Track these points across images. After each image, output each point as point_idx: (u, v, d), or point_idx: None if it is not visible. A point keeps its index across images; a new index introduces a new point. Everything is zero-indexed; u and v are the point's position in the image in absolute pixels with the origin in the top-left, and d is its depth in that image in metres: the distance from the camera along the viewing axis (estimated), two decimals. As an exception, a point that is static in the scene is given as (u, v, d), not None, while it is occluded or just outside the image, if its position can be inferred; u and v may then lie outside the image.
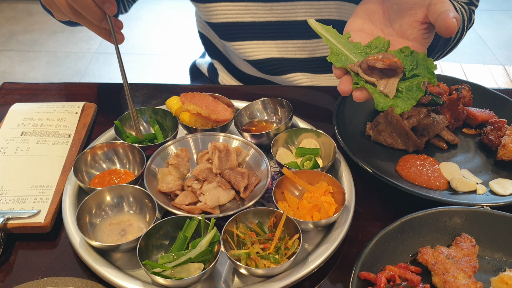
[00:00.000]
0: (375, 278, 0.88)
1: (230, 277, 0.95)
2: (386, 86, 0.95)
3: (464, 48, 4.48)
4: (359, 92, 0.96)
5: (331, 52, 1.01)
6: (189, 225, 0.96)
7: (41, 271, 0.95)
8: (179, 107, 1.20)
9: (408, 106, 0.93)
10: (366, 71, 0.96)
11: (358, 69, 0.97)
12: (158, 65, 4.29)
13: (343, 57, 1.01)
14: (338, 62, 0.99)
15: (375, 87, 0.95)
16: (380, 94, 0.95)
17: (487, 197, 1.11)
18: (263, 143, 1.21)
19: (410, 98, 0.94)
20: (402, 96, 0.95)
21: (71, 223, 0.99)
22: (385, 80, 0.96)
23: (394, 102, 0.94)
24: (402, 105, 0.93)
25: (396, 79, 0.96)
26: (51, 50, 4.46)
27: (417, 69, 0.96)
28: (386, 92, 0.95)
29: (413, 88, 0.94)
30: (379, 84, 0.95)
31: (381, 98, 0.95)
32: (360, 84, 0.95)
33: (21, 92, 1.43)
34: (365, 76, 0.96)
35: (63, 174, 1.11)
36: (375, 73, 0.96)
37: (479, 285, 0.90)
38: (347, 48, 1.02)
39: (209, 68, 1.81)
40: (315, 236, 1.02)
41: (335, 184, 1.06)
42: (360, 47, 1.03)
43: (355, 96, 0.96)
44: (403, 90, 0.95)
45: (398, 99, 0.94)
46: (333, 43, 1.03)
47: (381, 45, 1.02)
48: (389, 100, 0.94)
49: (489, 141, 1.24)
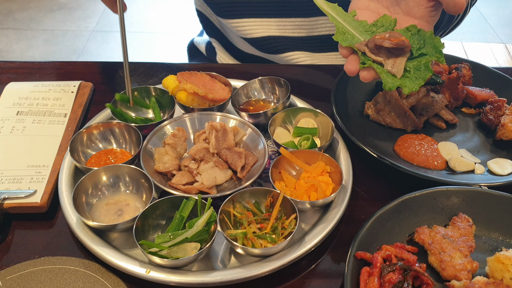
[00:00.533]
0: (371, 257, 0.88)
1: (226, 257, 0.95)
2: (394, 66, 0.93)
3: (465, 27, 4.43)
4: (366, 72, 0.95)
5: (337, 30, 0.99)
6: (185, 205, 0.96)
7: (38, 250, 0.96)
8: (175, 86, 1.18)
9: (416, 86, 0.92)
10: (373, 50, 0.94)
11: (365, 48, 0.95)
12: (157, 43, 4.25)
13: (349, 36, 0.99)
14: (344, 41, 0.97)
15: (383, 67, 0.94)
16: (388, 74, 0.93)
17: (485, 177, 1.10)
18: (260, 123, 1.20)
19: (418, 78, 0.92)
20: (410, 75, 0.93)
21: (68, 203, 0.98)
22: (393, 59, 0.94)
23: (402, 82, 0.93)
24: (410, 85, 0.92)
25: (404, 58, 0.94)
26: (48, 28, 4.41)
27: (424, 48, 0.95)
28: (394, 72, 0.93)
29: (421, 67, 0.93)
30: (387, 64, 0.94)
31: (389, 78, 0.93)
32: (367, 64, 0.94)
33: (16, 71, 1.41)
34: (372, 56, 0.94)
35: (59, 154, 1.11)
36: (382, 52, 0.94)
37: (475, 265, 0.90)
38: (353, 26, 1.00)
39: (207, 46, 1.79)
40: (312, 216, 1.02)
41: (333, 164, 1.05)
42: (366, 25, 1.01)
43: (362, 76, 0.95)
44: (411, 70, 0.94)
45: (406, 78, 0.93)
46: (339, 21, 1.01)
47: (387, 24, 1.00)
48: (397, 80, 0.93)
49: (488, 121, 1.23)
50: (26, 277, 0.89)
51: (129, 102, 1.17)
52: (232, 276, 0.89)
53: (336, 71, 1.42)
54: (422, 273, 0.86)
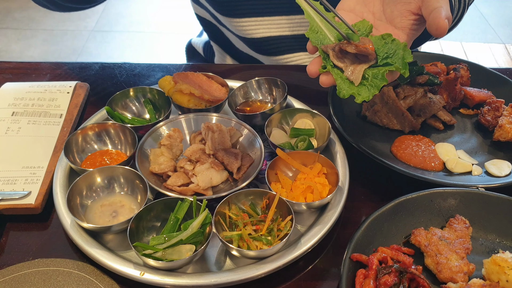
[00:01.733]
0: (367, 259, 0.88)
1: (222, 259, 0.94)
2: (353, 73, 0.92)
3: (466, 27, 4.42)
4: (325, 76, 0.93)
5: (310, 28, 0.98)
6: (180, 206, 0.95)
7: (32, 252, 0.95)
8: (171, 86, 1.18)
9: (370, 95, 0.90)
10: (338, 54, 0.93)
11: (330, 51, 0.93)
12: (156, 43, 4.24)
13: (321, 35, 0.97)
14: (315, 39, 0.96)
15: (342, 73, 0.92)
16: (345, 81, 0.92)
17: (482, 179, 1.10)
18: (257, 124, 1.19)
19: (373, 87, 0.90)
20: (366, 84, 0.91)
21: (62, 204, 0.98)
22: (353, 66, 0.93)
23: (357, 90, 0.91)
24: (365, 94, 0.90)
25: (364, 66, 0.92)
26: (47, 28, 4.41)
27: (392, 58, 0.93)
28: (352, 79, 0.92)
29: (378, 76, 0.91)
30: (347, 70, 0.92)
31: (345, 85, 0.92)
32: (327, 68, 0.93)
33: (12, 71, 1.41)
34: (334, 60, 0.93)
35: (54, 155, 1.10)
36: (347, 57, 0.93)
37: (471, 267, 0.90)
38: (329, 27, 0.98)
39: (204, 47, 1.78)
40: (308, 218, 1.02)
41: (329, 165, 1.05)
42: (343, 27, 0.99)
43: (321, 80, 0.94)
44: (369, 77, 0.92)
45: (362, 87, 0.91)
46: (314, 19, 0.99)
47: (363, 29, 0.98)
48: (352, 87, 0.91)
49: (486, 122, 1.23)
50: (19, 279, 0.89)
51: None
52: (227, 279, 0.88)
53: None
54: (418, 275, 0.86)
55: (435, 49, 3.35)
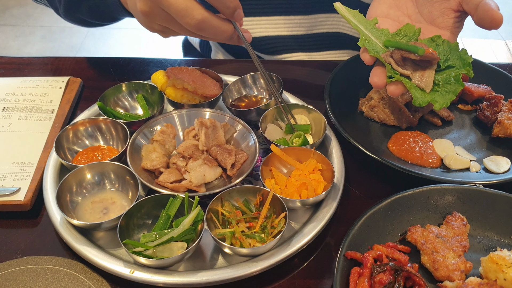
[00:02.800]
0: (362, 257, 0.86)
1: (214, 257, 0.93)
2: (422, 79, 0.89)
3: (466, 23, 4.38)
4: (395, 86, 0.90)
5: (361, 38, 0.95)
6: (172, 203, 0.93)
7: (21, 250, 0.93)
8: (164, 81, 1.16)
9: (447, 101, 0.87)
10: (399, 62, 0.90)
11: (390, 60, 0.91)
12: (152, 39, 4.21)
13: (373, 44, 0.94)
14: (369, 49, 0.93)
15: (410, 80, 0.89)
16: (417, 89, 0.89)
17: (480, 175, 1.08)
18: (252, 119, 1.17)
19: (448, 92, 0.88)
20: (439, 89, 0.89)
21: (52, 201, 0.96)
22: (420, 72, 0.90)
23: (432, 97, 0.88)
24: (441, 100, 0.88)
25: (432, 71, 0.90)
26: (45, 24, 4.39)
27: (451, 60, 0.91)
28: (422, 86, 0.89)
29: (451, 80, 0.89)
30: (414, 77, 0.89)
31: (418, 92, 0.89)
32: (395, 78, 0.89)
33: (5, 66, 1.39)
34: (398, 69, 0.90)
35: (45, 151, 1.08)
36: (408, 64, 0.90)
37: (468, 265, 0.88)
38: (375, 35, 0.96)
39: (201, 42, 1.76)
40: (303, 215, 1.00)
41: (324, 162, 1.03)
42: (389, 34, 0.96)
43: (391, 90, 0.90)
44: (440, 83, 0.89)
45: (436, 93, 0.89)
46: (362, 30, 0.96)
47: (411, 33, 0.95)
48: (426, 95, 0.88)
49: (484, 118, 1.21)
50: (7, 277, 0.87)
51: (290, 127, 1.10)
52: (219, 277, 0.86)
53: (330, 67, 1.39)
54: (414, 273, 0.84)
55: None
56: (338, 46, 1.51)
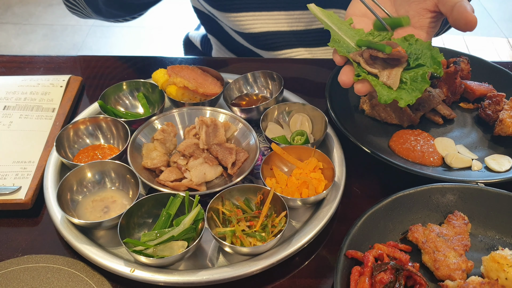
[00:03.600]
0: (362, 256, 0.86)
1: (215, 256, 0.92)
2: (389, 77, 0.90)
3: (469, 21, 4.37)
4: (361, 84, 0.91)
5: (332, 38, 0.96)
6: (172, 202, 0.93)
7: (22, 248, 0.93)
8: (165, 80, 1.16)
9: (412, 98, 0.88)
10: (368, 61, 0.91)
11: (359, 58, 0.92)
12: (154, 38, 4.22)
13: (344, 44, 0.95)
14: (339, 49, 0.94)
15: (378, 79, 0.90)
16: (383, 86, 0.90)
17: (482, 174, 1.07)
18: (252, 118, 1.17)
19: (414, 90, 0.89)
20: (406, 87, 0.90)
21: (53, 200, 0.96)
22: (388, 70, 0.91)
23: (398, 94, 0.89)
24: (407, 97, 0.89)
25: (400, 69, 0.91)
26: (47, 23, 4.39)
27: (422, 59, 0.92)
28: (389, 84, 0.90)
29: (418, 78, 0.90)
30: (382, 75, 0.91)
31: (384, 90, 0.90)
32: (362, 76, 0.90)
33: (5, 65, 1.39)
34: (367, 67, 0.91)
35: (46, 149, 1.08)
36: (377, 63, 0.91)
37: (470, 264, 0.87)
38: (349, 35, 0.97)
39: (202, 41, 1.76)
40: (304, 214, 1.00)
41: (325, 160, 1.03)
42: (363, 34, 0.97)
43: (357, 89, 0.91)
44: (407, 81, 0.90)
45: (402, 90, 0.90)
46: (333, 29, 0.97)
47: (384, 33, 0.96)
48: (392, 92, 0.89)
49: (486, 116, 1.20)
50: (8, 276, 0.87)
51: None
52: (219, 276, 0.86)
53: (331, 65, 1.38)
54: (415, 272, 0.84)
55: (436, 42, 3.31)
56: None
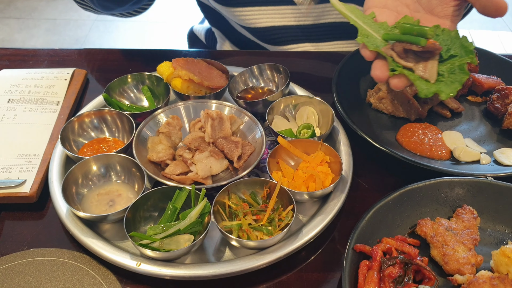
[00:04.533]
0: (371, 250, 0.85)
1: (221, 249, 0.92)
2: (426, 70, 0.88)
3: (474, 15, 4.32)
4: (398, 79, 0.89)
5: (360, 33, 0.94)
6: (178, 195, 0.92)
7: (27, 242, 0.93)
8: (170, 73, 1.15)
9: (453, 90, 0.86)
10: (401, 54, 0.89)
11: (392, 52, 0.90)
12: (158, 32, 4.20)
13: (373, 39, 0.93)
14: (369, 44, 0.92)
15: (413, 72, 0.89)
16: (421, 80, 0.88)
17: (491, 167, 1.06)
18: (258, 111, 1.16)
19: (454, 81, 0.87)
20: (444, 79, 0.88)
21: (58, 193, 0.95)
22: (423, 63, 0.89)
23: (437, 87, 0.87)
24: (447, 90, 0.87)
25: (435, 61, 0.89)
26: (50, 17, 4.37)
27: (453, 49, 0.90)
28: (426, 77, 0.88)
29: (456, 70, 0.88)
30: (417, 69, 0.89)
31: (423, 84, 0.88)
32: (397, 71, 0.88)
33: (10, 58, 1.38)
34: (401, 61, 0.89)
35: (51, 142, 1.08)
36: (410, 57, 0.89)
37: (479, 259, 0.87)
38: (374, 29, 0.95)
39: (206, 34, 1.75)
40: (311, 207, 0.99)
41: (332, 154, 1.02)
42: (387, 27, 0.95)
43: (394, 84, 0.89)
44: (444, 73, 0.89)
45: (441, 83, 0.88)
46: (360, 24, 0.95)
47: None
48: (432, 85, 0.88)
49: (495, 109, 1.19)
50: (13, 269, 0.87)
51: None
52: (226, 269, 0.85)
53: (337, 58, 1.37)
54: (424, 267, 0.83)
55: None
56: (345, 36, 1.50)
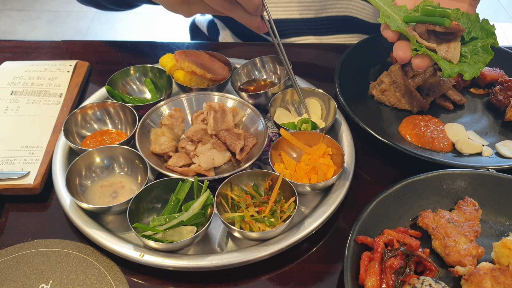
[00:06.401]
0: (372, 242, 0.85)
1: (224, 241, 0.92)
2: (448, 51, 0.89)
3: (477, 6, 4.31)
4: (420, 59, 0.89)
5: (382, 14, 0.95)
6: (181, 187, 0.93)
7: (31, 233, 0.93)
8: (173, 65, 1.15)
9: (477, 70, 0.87)
10: (424, 35, 0.90)
11: (414, 33, 0.90)
12: (159, 24, 4.19)
13: (394, 20, 0.94)
14: (391, 25, 0.92)
15: (436, 53, 0.89)
16: (444, 61, 0.89)
17: (493, 160, 1.06)
18: (261, 103, 1.16)
19: (477, 62, 0.88)
20: (467, 60, 0.89)
21: (62, 184, 0.96)
22: (445, 44, 0.90)
23: (460, 67, 0.88)
24: (470, 70, 0.88)
25: (457, 43, 0.90)
26: (52, 9, 4.36)
27: (474, 32, 0.91)
28: (449, 58, 0.89)
29: (479, 51, 0.89)
30: (440, 50, 0.89)
31: (446, 64, 0.88)
32: (421, 51, 0.89)
33: (12, 50, 1.38)
34: (424, 42, 0.89)
35: (54, 134, 1.08)
36: (432, 38, 0.90)
37: (480, 250, 0.87)
38: (395, 12, 0.96)
39: (208, 26, 1.74)
40: (313, 199, 0.99)
41: (334, 146, 1.02)
42: (407, 11, 0.96)
43: (416, 63, 0.90)
44: (467, 54, 0.89)
45: (464, 63, 0.89)
46: (382, 5, 0.96)
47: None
48: (454, 66, 0.88)
49: (497, 102, 1.19)
50: (18, 260, 0.87)
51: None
52: (228, 260, 0.86)
53: (339, 50, 1.37)
54: (425, 258, 0.83)
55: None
56: (348, 30, 1.49)
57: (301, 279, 0.88)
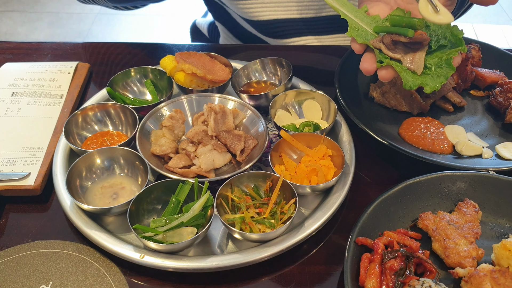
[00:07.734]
0: (372, 243, 0.85)
1: (224, 242, 0.92)
2: (413, 62, 0.89)
3: (477, 9, 4.32)
4: (385, 71, 0.90)
5: (350, 27, 0.95)
6: (182, 188, 0.93)
7: (32, 234, 0.93)
8: (173, 66, 1.15)
9: (438, 84, 0.88)
10: (389, 46, 0.90)
11: (380, 44, 0.91)
12: (160, 25, 4.20)
13: (363, 32, 0.94)
14: (358, 37, 0.93)
15: (401, 64, 0.89)
16: (408, 72, 0.89)
17: (493, 162, 1.06)
18: (261, 105, 1.16)
19: (439, 76, 0.88)
20: (431, 73, 0.89)
21: (62, 186, 0.96)
22: (411, 55, 0.90)
23: (423, 80, 0.88)
24: (432, 83, 0.88)
25: (423, 53, 0.90)
26: (53, 10, 4.37)
27: (442, 39, 0.91)
28: (414, 68, 0.89)
29: (442, 64, 0.89)
30: (405, 60, 0.89)
31: (409, 76, 0.89)
32: (385, 63, 0.89)
33: (13, 52, 1.38)
34: (389, 53, 0.90)
35: (54, 135, 1.08)
36: (398, 48, 0.90)
37: (480, 252, 0.87)
38: (366, 22, 0.96)
39: (209, 28, 1.75)
40: (313, 201, 0.99)
41: (335, 148, 1.02)
42: (379, 21, 0.96)
43: (381, 75, 0.91)
44: (432, 67, 0.90)
45: (427, 76, 0.89)
46: (350, 18, 0.96)
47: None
48: (417, 78, 0.89)
49: (497, 104, 1.19)
50: (18, 261, 0.87)
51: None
52: (229, 262, 0.86)
53: (340, 52, 1.37)
54: (425, 260, 0.84)
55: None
56: (347, 29, 1.50)
57: (301, 281, 0.88)
